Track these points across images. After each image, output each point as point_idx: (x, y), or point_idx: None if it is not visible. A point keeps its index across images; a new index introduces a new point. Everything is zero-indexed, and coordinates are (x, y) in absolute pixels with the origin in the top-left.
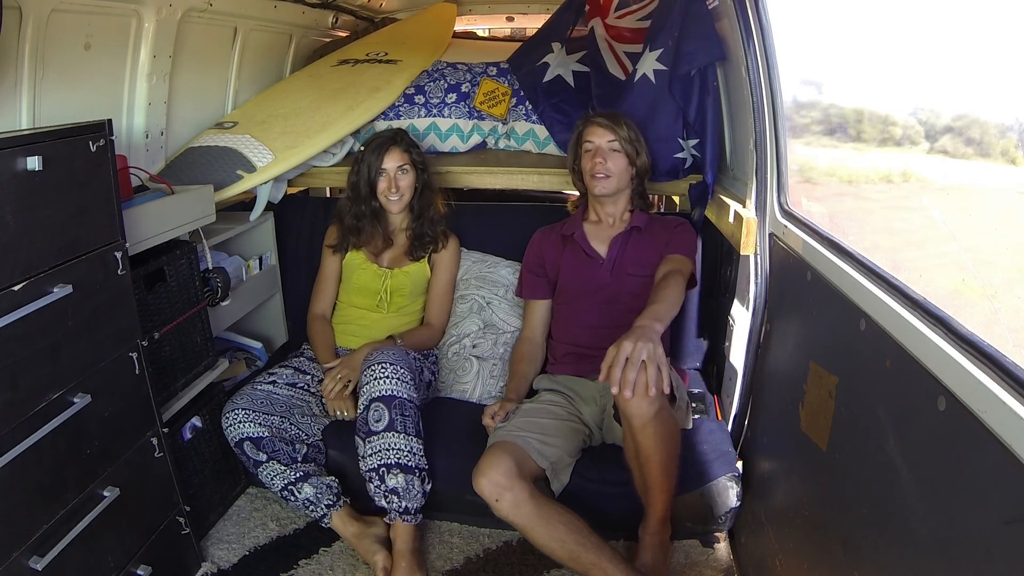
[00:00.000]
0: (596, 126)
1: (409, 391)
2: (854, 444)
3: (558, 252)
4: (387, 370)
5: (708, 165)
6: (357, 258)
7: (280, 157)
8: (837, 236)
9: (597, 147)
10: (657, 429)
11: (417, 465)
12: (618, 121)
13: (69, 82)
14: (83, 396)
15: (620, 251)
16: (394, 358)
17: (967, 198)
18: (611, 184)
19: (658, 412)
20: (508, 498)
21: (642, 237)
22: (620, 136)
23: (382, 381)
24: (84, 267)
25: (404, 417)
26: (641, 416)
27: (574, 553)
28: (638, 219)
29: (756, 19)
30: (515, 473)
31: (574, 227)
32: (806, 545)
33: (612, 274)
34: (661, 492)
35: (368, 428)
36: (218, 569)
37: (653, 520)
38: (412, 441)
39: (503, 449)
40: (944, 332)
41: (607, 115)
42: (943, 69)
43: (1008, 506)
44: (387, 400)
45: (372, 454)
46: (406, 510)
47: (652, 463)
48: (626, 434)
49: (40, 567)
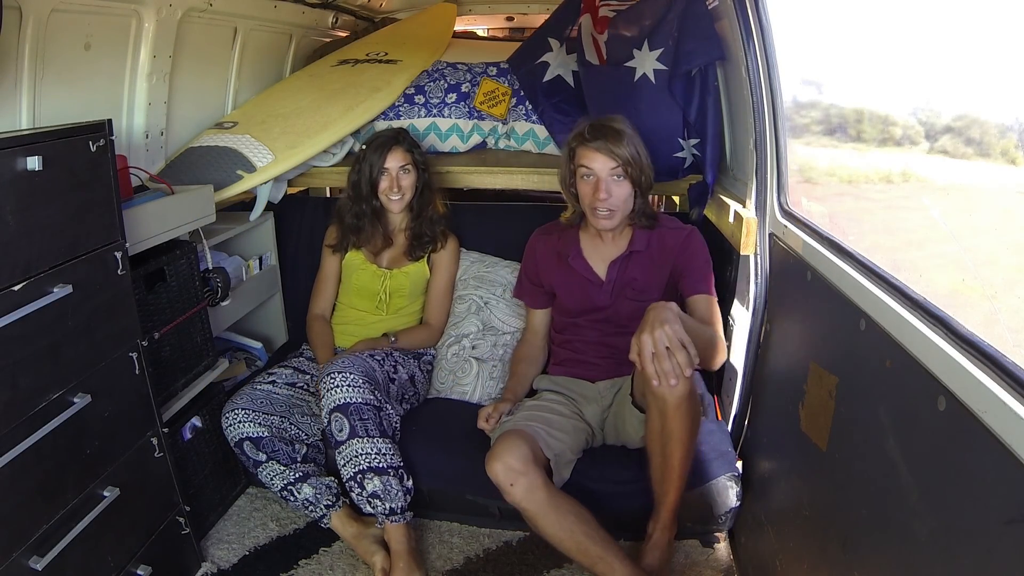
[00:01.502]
0: (594, 151)
1: (363, 394)
2: (854, 444)
3: (554, 270)
4: (336, 379)
5: (708, 165)
6: (356, 258)
7: (280, 157)
8: (837, 236)
9: (598, 178)
10: (689, 410)
11: (390, 465)
12: (619, 139)
13: (69, 82)
14: (83, 396)
15: (620, 273)
16: (343, 365)
17: (967, 198)
18: (616, 218)
19: (690, 392)
20: (523, 483)
21: (643, 257)
22: (622, 160)
23: (335, 391)
24: (84, 267)
25: (363, 421)
26: (675, 398)
27: (582, 545)
28: (639, 241)
29: (756, 19)
30: (530, 459)
31: (570, 246)
32: (806, 545)
33: (612, 296)
34: (678, 478)
35: (334, 439)
36: (218, 569)
37: (665, 512)
38: (378, 443)
39: (518, 435)
40: (944, 332)
41: (604, 132)
42: (943, 69)
43: (1008, 506)
44: (343, 408)
45: (345, 464)
46: (391, 511)
47: (678, 444)
48: (653, 418)
49: (40, 567)
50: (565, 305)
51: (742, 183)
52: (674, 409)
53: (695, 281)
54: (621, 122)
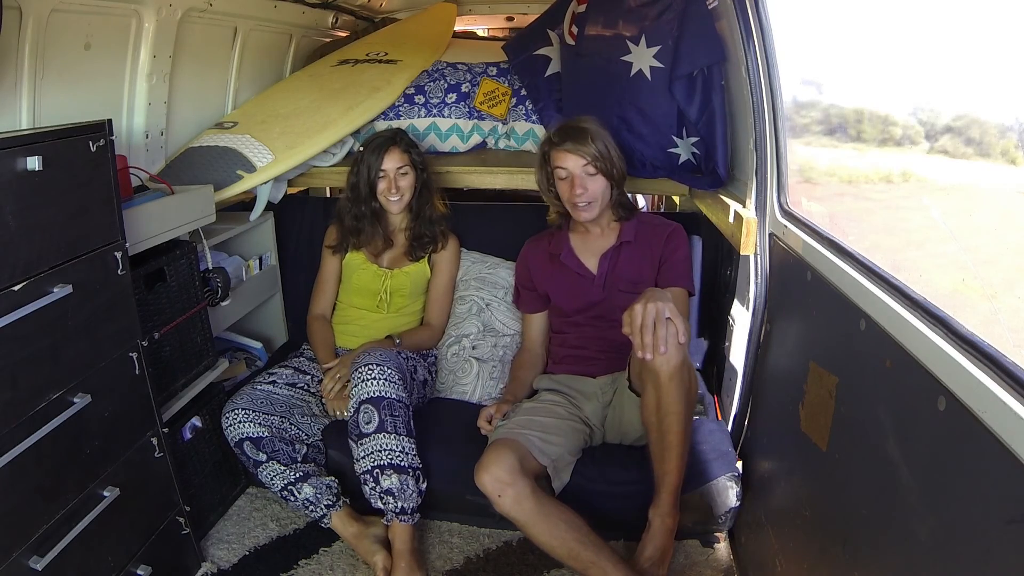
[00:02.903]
0: (564, 152)
1: (397, 391)
2: (854, 444)
3: (547, 272)
4: (374, 371)
5: (719, 160)
6: (357, 259)
7: (280, 157)
8: (837, 236)
9: (572, 175)
10: (682, 381)
11: (410, 465)
12: (584, 138)
13: (69, 82)
14: (83, 396)
15: (611, 266)
16: (381, 359)
17: (967, 198)
18: (595, 209)
19: (683, 362)
20: (510, 494)
21: (632, 249)
22: (591, 156)
23: (370, 383)
24: (84, 267)
25: (394, 417)
26: (669, 368)
27: (573, 551)
28: (627, 232)
29: (756, 19)
30: (517, 469)
31: (560, 245)
32: (806, 545)
33: (604, 290)
34: (677, 456)
35: (359, 431)
36: (218, 569)
37: (665, 494)
38: (404, 441)
39: (506, 445)
40: (944, 332)
41: (571, 133)
42: (943, 69)
43: (1008, 506)
44: (376, 401)
45: (365, 456)
46: (402, 510)
47: (673, 417)
48: (648, 394)
49: (40, 567)
50: (560, 306)
51: (742, 183)
52: (667, 380)
53: (673, 274)
54: (587, 121)
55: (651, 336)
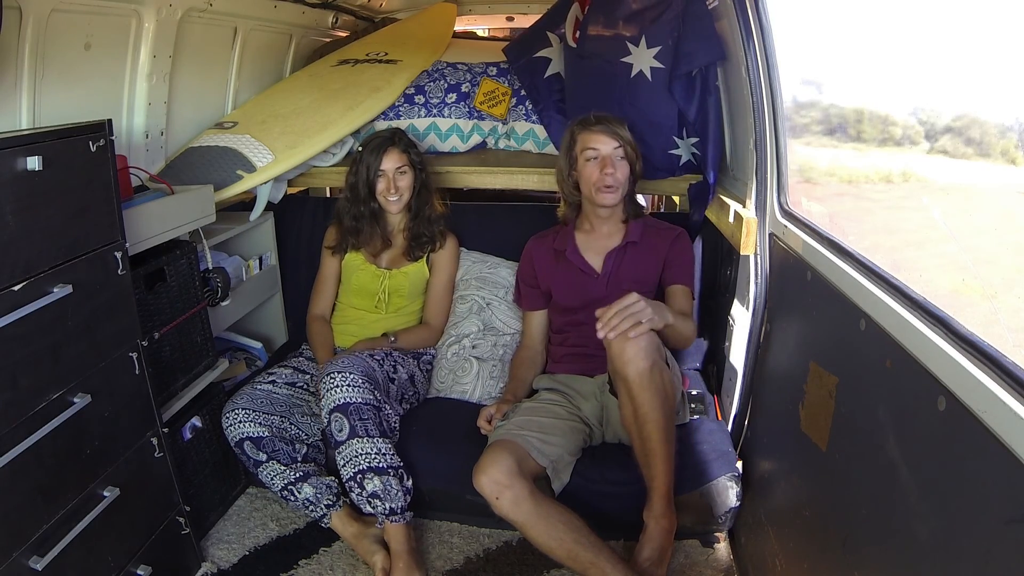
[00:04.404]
0: (598, 133)
1: (363, 394)
2: (854, 444)
3: (551, 268)
4: (336, 379)
5: (710, 165)
6: (356, 259)
7: (280, 157)
8: (837, 236)
9: (604, 156)
10: (653, 384)
11: (390, 465)
12: (620, 123)
13: (69, 82)
14: (83, 396)
15: (615, 266)
16: (343, 365)
17: (967, 198)
18: (618, 195)
19: (652, 366)
20: (508, 496)
21: (637, 250)
22: (624, 140)
23: (335, 391)
24: (84, 267)
25: (363, 421)
26: (637, 372)
27: (572, 552)
28: (633, 233)
29: (756, 19)
30: (515, 471)
31: (566, 242)
32: (806, 545)
33: (608, 288)
34: (662, 461)
35: (334, 439)
36: (218, 569)
37: (656, 497)
38: (378, 442)
39: (504, 447)
40: (944, 332)
41: (606, 118)
42: (943, 69)
43: (1008, 506)
44: (343, 408)
45: (345, 464)
46: (391, 511)
47: (650, 423)
48: (623, 398)
49: (40, 567)
50: (562, 303)
51: (742, 183)
52: (639, 387)
53: (677, 273)
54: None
55: (617, 320)
